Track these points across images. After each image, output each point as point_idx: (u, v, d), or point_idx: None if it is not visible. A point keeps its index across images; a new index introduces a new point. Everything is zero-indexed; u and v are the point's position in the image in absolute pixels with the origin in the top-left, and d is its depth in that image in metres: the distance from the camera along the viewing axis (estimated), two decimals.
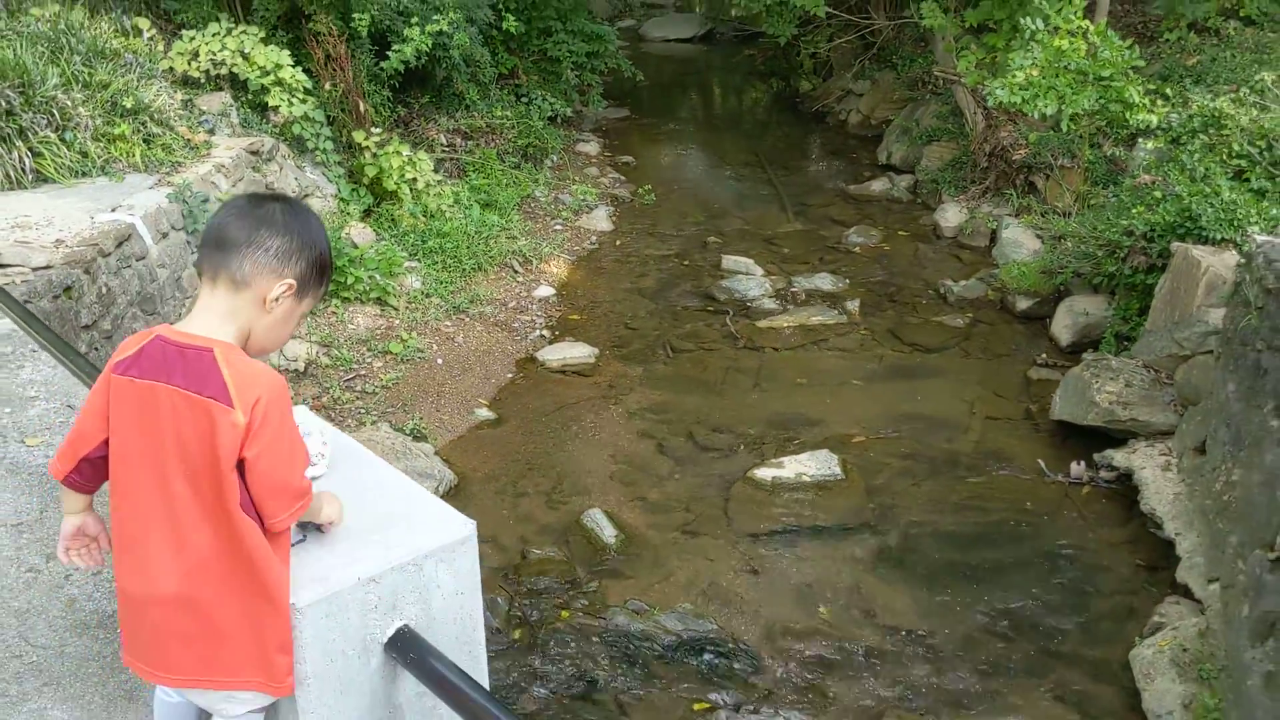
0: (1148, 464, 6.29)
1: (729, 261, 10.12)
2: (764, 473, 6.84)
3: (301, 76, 9.07)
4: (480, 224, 9.87)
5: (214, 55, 8.75)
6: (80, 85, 7.08)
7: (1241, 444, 5.17)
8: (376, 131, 9.66)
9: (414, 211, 9.64)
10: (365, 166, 9.51)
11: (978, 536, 6.33)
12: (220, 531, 1.91)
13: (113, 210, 6.13)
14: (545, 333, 8.81)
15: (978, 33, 10.78)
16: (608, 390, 7.96)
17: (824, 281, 9.74)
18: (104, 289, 5.49)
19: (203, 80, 8.74)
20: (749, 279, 9.71)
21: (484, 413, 7.62)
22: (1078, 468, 6.69)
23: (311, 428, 2.38)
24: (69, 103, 6.79)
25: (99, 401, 1.99)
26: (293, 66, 9.04)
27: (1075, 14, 8.35)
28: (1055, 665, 5.37)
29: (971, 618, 5.70)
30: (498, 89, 12.05)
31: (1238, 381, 5.39)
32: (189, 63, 8.68)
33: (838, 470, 6.86)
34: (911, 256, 10.41)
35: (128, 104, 7.17)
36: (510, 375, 8.20)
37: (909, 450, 7.17)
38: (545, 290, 9.46)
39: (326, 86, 9.59)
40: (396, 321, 8.44)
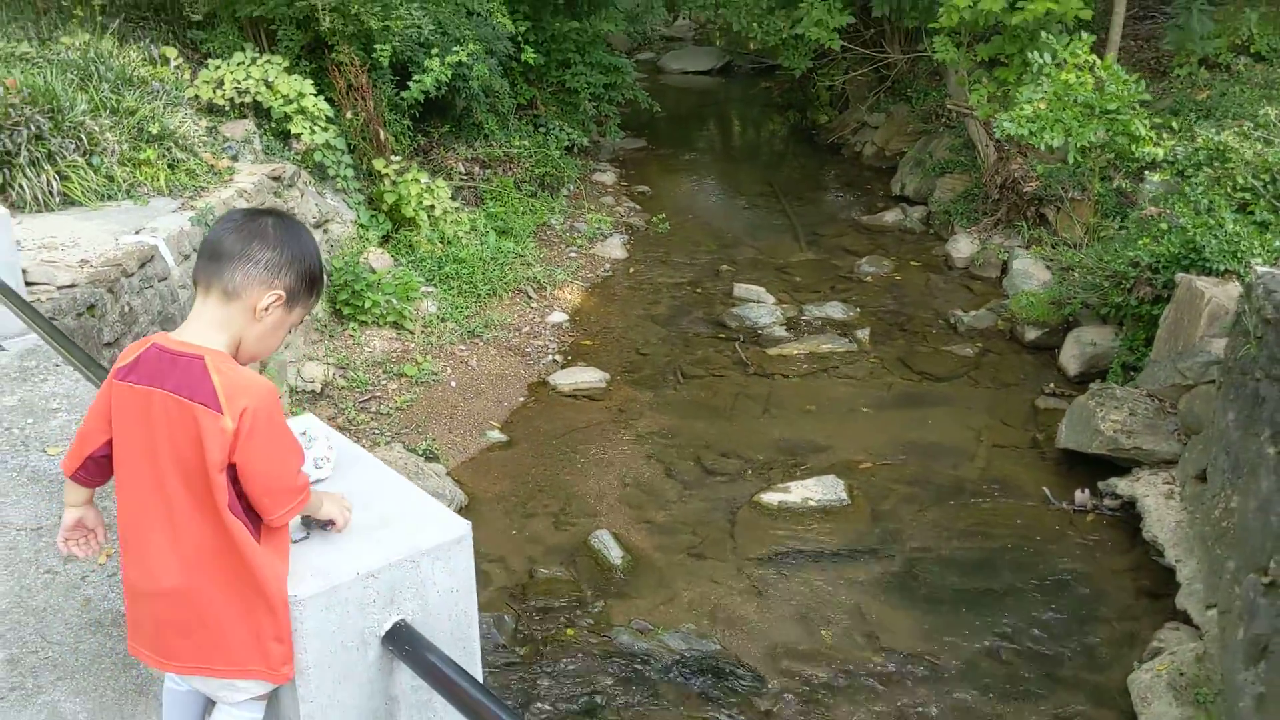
0: (1151, 492, 6.33)
1: (741, 289, 10.23)
2: (770, 497, 6.92)
3: (324, 105, 9.26)
4: (496, 250, 10.03)
5: (239, 84, 8.97)
6: (108, 111, 7.28)
7: (1240, 471, 5.22)
8: (396, 159, 9.84)
9: (431, 238, 9.80)
10: (384, 193, 9.68)
11: (981, 562, 6.39)
12: (213, 529, 2.02)
13: (137, 232, 6.30)
14: (557, 357, 8.93)
15: (990, 67, 10.91)
16: (618, 414, 8.06)
17: (835, 310, 9.83)
18: (126, 307, 5.65)
19: (227, 108, 8.94)
20: (760, 307, 9.80)
21: (495, 435, 7.74)
22: (1082, 495, 6.74)
23: (318, 434, 2.50)
24: (97, 128, 6.99)
25: (102, 405, 2.13)
26: (315, 95, 9.24)
27: (1082, 49, 8.48)
28: (1056, 689, 5.41)
29: (973, 642, 5.75)
30: (516, 119, 12.23)
31: (1237, 410, 5.45)
32: (214, 91, 8.89)
33: (844, 495, 6.93)
34: (923, 286, 10.49)
35: (154, 130, 7.36)
36: (522, 398, 8.32)
37: (915, 477, 7.24)
38: (558, 316, 9.59)
39: (348, 115, 9.79)
40: (412, 345, 8.58)
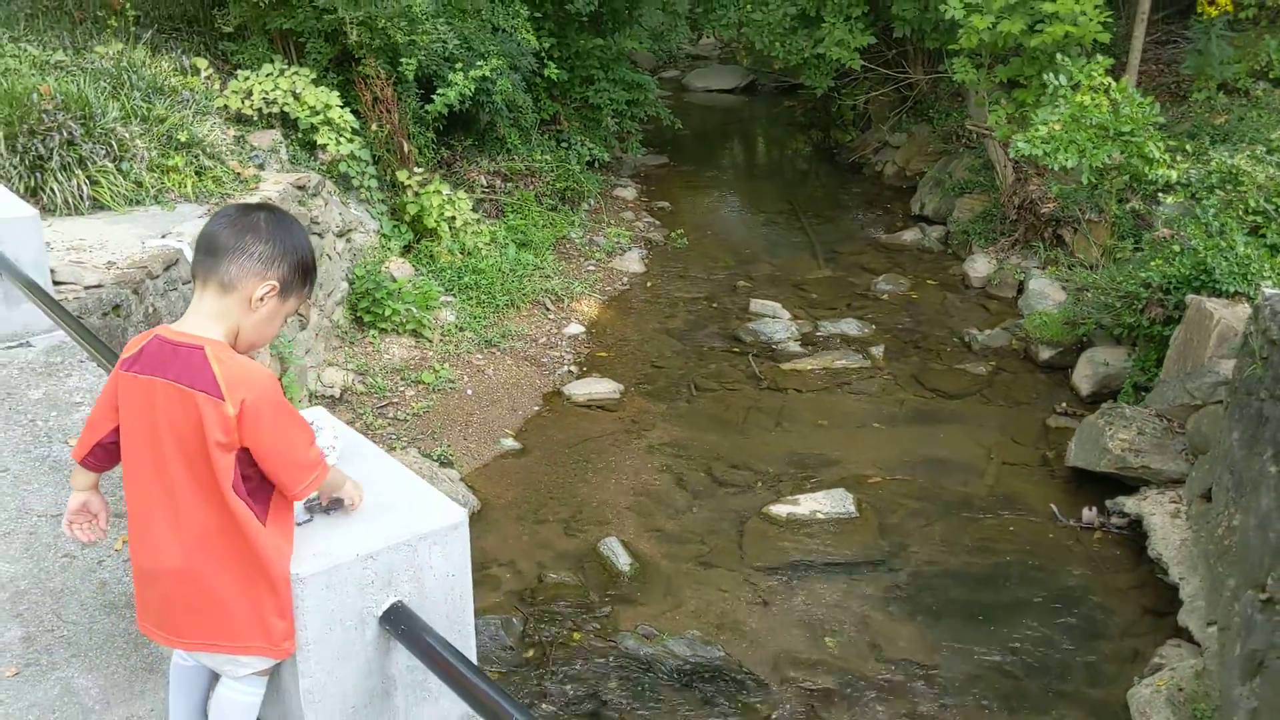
0: (1157, 511, 6.36)
1: (757, 305, 10.31)
2: (779, 509, 6.99)
3: (349, 117, 9.43)
4: (515, 262, 10.16)
5: (267, 95, 9.15)
6: (138, 119, 7.45)
7: (1243, 490, 5.25)
8: (419, 171, 9.99)
9: (452, 249, 9.95)
10: (407, 204, 9.84)
11: (988, 577, 6.43)
12: (216, 510, 2.12)
13: (163, 236, 6.45)
14: (573, 368, 9.04)
15: (1009, 88, 10.97)
16: (631, 425, 8.15)
17: (850, 327, 9.89)
18: (151, 308, 5.79)
19: (255, 118, 9.12)
20: (775, 322, 9.88)
21: (510, 443, 7.84)
22: (1089, 513, 6.77)
23: (324, 424, 2.61)
24: (127, 135, 7.15)
25: (109, 395, 2.25)
26: (341, 107, 9.41)
27: (1098, 72, 8.54)
28: (1057, 703, 5.45)
29: (977, 655, 5.79)
30: (539, 134, 12.38)
31: (1242, 430, 5.48)
32: (243, 101, 9.08)
33: (852, 509, 6.99)
34: (939, 305, 10.54)
35: (182, 138, 7.53)
36: (537, 408, 8.42)
37: (924, 492, 7.28)
38: (575, 328, 9.70)
39: (373, 127, 9.95)
40: (430, 353, 8.71)
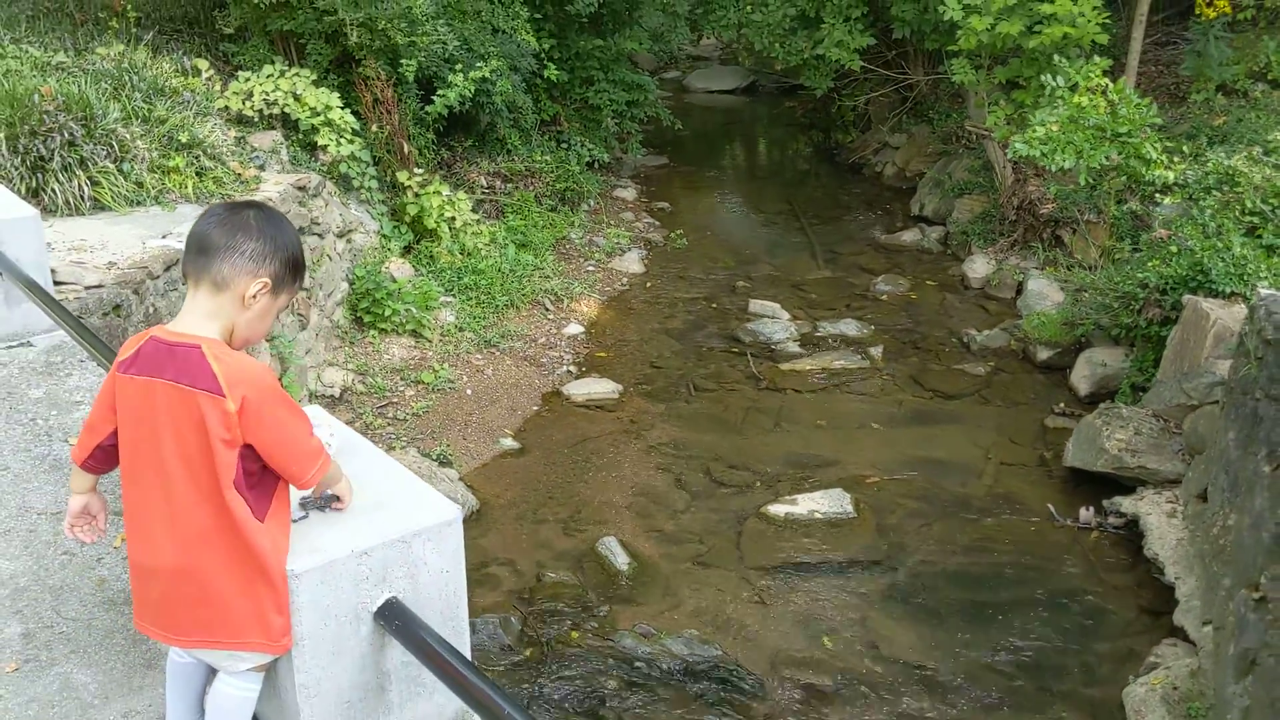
0: (1154, 511, 6.38)
1: (756, 305, 10.33)
2: (777, 509, 7.00)
3: (350, 118, 9.46)
4: (515, 263, 10.19)
5: (267, 96, 9.18)
6: (139, 120, 7.48)
7: (1238, 490, 5.28)
8: (419, 172, 10.02)
9: (452, 249, 9.97)
10: (407, 205, 9.87)
11: (985, 577, 6.45)
12: (214, 509, 2.15)
13: (163, 237, 6.48)
14: (572, 368, 9.06)
15: (1008, 89, 10.99)
16: (629, 425, 8.17)
17: (849, 327, 9.91)
18: (151, 309, 5.82)
19: (256, 119, 9.15)
20: (775, 323, 9.90)
21: (509, 442, 7.87)
22: (1086, 513, 6.79)
23: (321, 421, 2.63)
24: (128, 136, 7.18)
25: (106, 397, 2.27)
26: (342, 108, 9.43)
27: (1095, 73, 8.56)
28: (1053, 702, 5.47)
29: (974, 654, 5.81)
30: (539, 134, 12.40)
31: (1237, 430, 5.50)
32: (243, 102, 9.10)
33: (850, 509, 7.01)
34: (938, 306, 10.56)
35: (183, 139, 7.56)
36: (536, 408, 8.45)
37: (922, 492, 7.30)
38: (574, 328, 9.72)
39: (373, 128, 9.98)
40: (430, 353, 8.74)
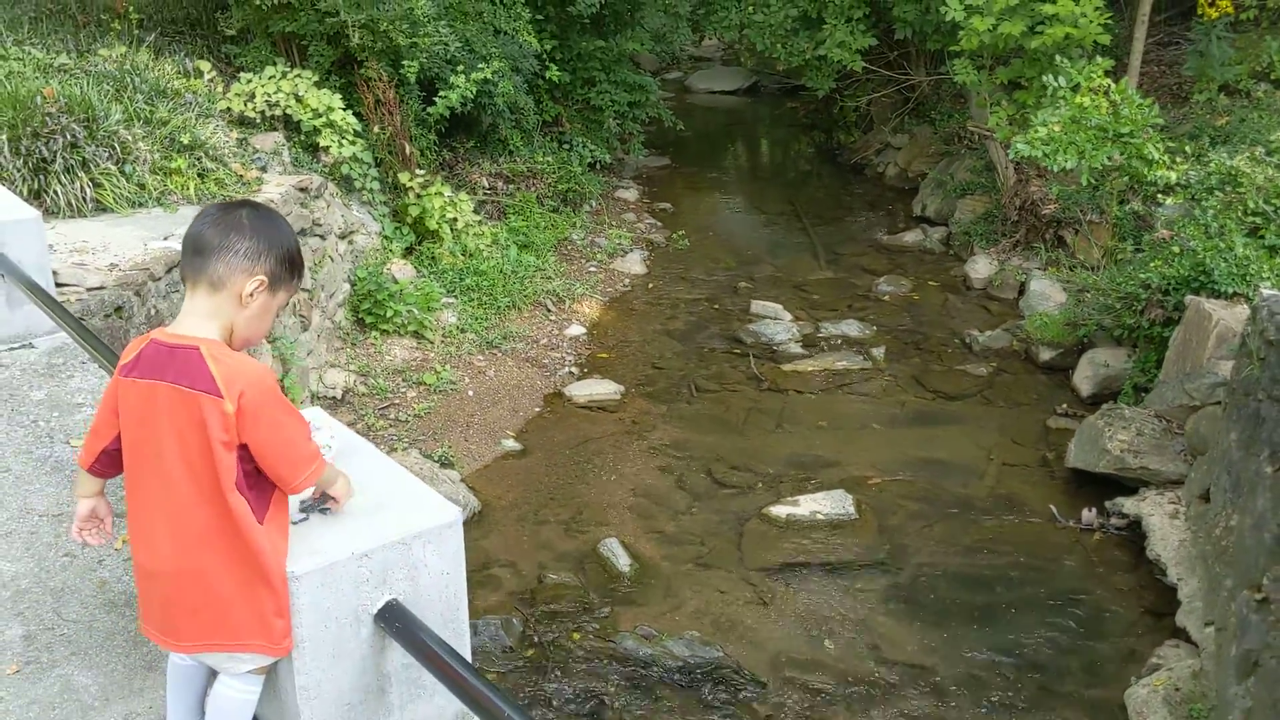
0: (1156, 512, 6.38)
1: (758, 306, 10.32)
2: (779, 510, 7.00)
3: (352, 119, 9.46)
4: (517, 264, 10.19)
5: (269, 97, 9.18)
6: (141, 122, 7.48)
7: (1240, 491, 5.27)
8: (421, 173, 10.02)
9: (453, 250, 9.97)
10: (409, 206, 9.87)
11: (987, 578, 6.44)
12: (215, 511, 2.15)
13: (165, 238, 6.48)
14: (574, 369, 9.06)
15: (1010, 90, 10.98)
16: (631, 426, 8.17)
17: (851, 328, 9.91)
18: (153, 310, 5.82)
19: (258, 120, 9.15)
20: (777, 324, 9.89)
21: (510, 444, 7.87)
22: (1089, 514, 6.79)
23: (321, 423, 2.63)
24: (130, 138, 7.19)
25: (109, 401, 2.27)
26: (344, 110, 9.43)
27: (1097, 73, 8.55)
28: (1055, 704, 5.46)
29: (976, 656, 5.80)
30: (541, 135, 12.40)
31: (1240, 430, 5.50)
32: (245, 104, 9.10)
33: (852, 510, 7.00)
34: (940, 306, 10.55)
35: (185, 140, 7.56)
36: (538, 409, 8.45)
37: (924, 493, 7.30)
38: (576, 329, 9.72)
39: (375, 129, 9.98)
40: (431, 354, 8.74)
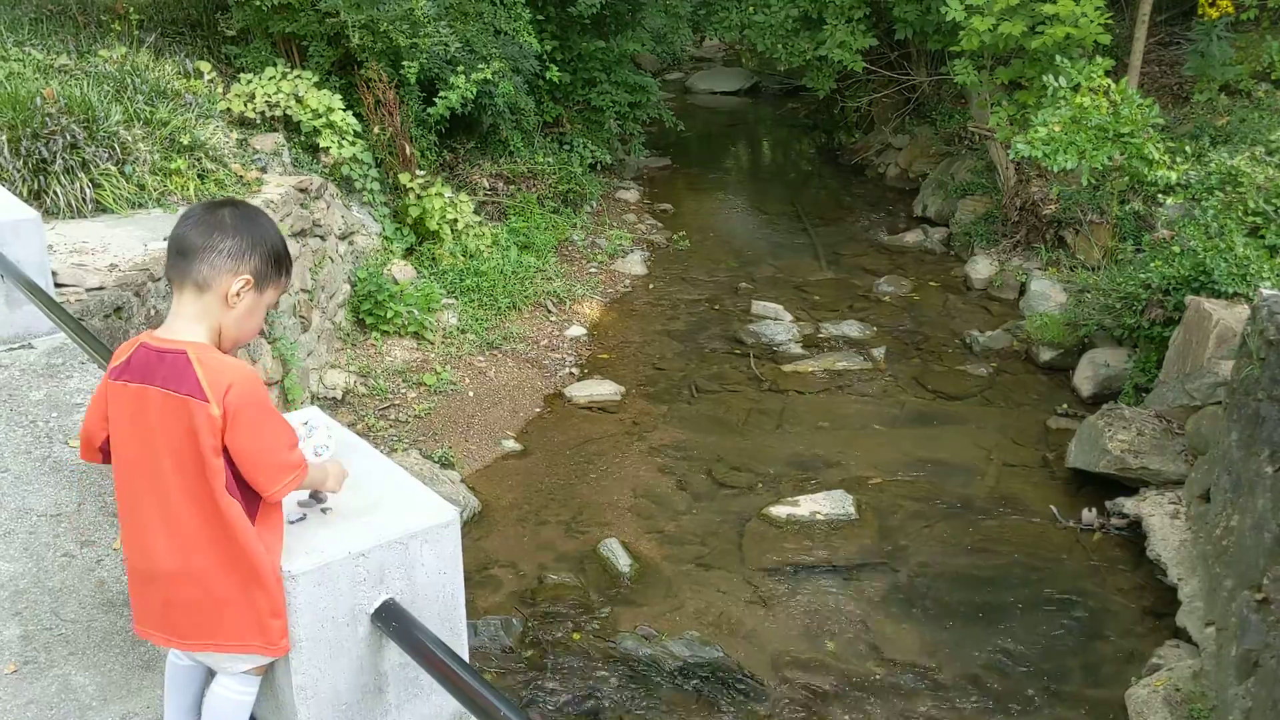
0: (1156, 512, 6.37)
1: (759, 307, 10.32)
2: (779, 510, 7.00)
3: (352, 120, 9.46)
4: (517, 265, 10.19)
5: (269, 98, 9.18)
6: (141, 122, 7.49)
7: (1240, 491, 5.26)
8: (421, 174, 10.02)
9: (454, 251, 9.97)
10: (409, 207, 9.87)
11: (987, 579, 6.44)
12: (207, 512, 2.15)
13: (165, 239, 6.48)
14: (574, 370, 9.06)
15: (1010, 90, 10.97)
16: (632, 427, 8.17)
17: (852, 329, 9.90)
18: (152, 311, 5.82)
19: (258, 121, 9.16)
20: (777, 324, 9.89)
21: (511, 444, 7.86)
22: (1089, 514, 6.78)
23: (318, 424, 2.63)
24: (130, 138, 7.19)
25: (99, 404, 2.27)
26: (344, 110, 9.43)
27: (1098, 73, 8.55)
28: (1055, 704, 5.46)
29: (976, 656, 5.80)
30: (541, 136, 12.39)
31: (1240, 430, 5.49)
32: (245, 104, 9.10)
33: (852, 510, 7.00)
34: (940, 307, 10.55)
35: (185, 141, 7.56)
36: (538, 410, 8.44)
37: (924, 493, 7.29)
38: (577, 330, 9.72)
39: (375, 130, 9.98)
40: (432, 355, 8.74)
